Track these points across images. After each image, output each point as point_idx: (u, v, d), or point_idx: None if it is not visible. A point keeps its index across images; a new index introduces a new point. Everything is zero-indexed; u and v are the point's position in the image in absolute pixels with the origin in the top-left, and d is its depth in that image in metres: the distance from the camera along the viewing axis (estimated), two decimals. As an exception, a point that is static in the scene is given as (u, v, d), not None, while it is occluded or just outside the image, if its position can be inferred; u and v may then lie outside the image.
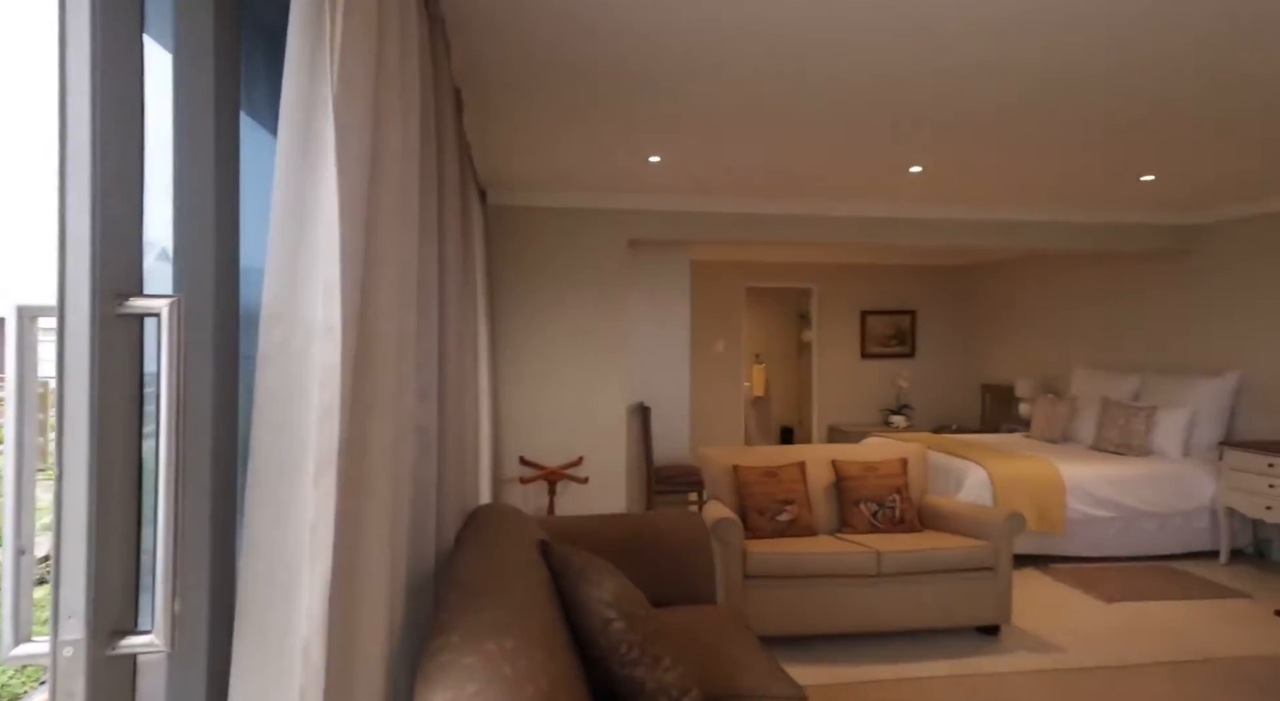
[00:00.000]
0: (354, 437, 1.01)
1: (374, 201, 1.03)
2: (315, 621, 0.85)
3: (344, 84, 0.88)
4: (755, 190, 4.17)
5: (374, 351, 1.04)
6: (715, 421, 7.17)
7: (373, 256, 1.03)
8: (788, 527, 3.33)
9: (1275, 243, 4.32)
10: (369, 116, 0.96)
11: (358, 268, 0.94)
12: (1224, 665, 2.86)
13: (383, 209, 1.05)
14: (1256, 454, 3.95)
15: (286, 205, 0.85)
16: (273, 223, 0.85)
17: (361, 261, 0.96)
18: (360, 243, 0.95)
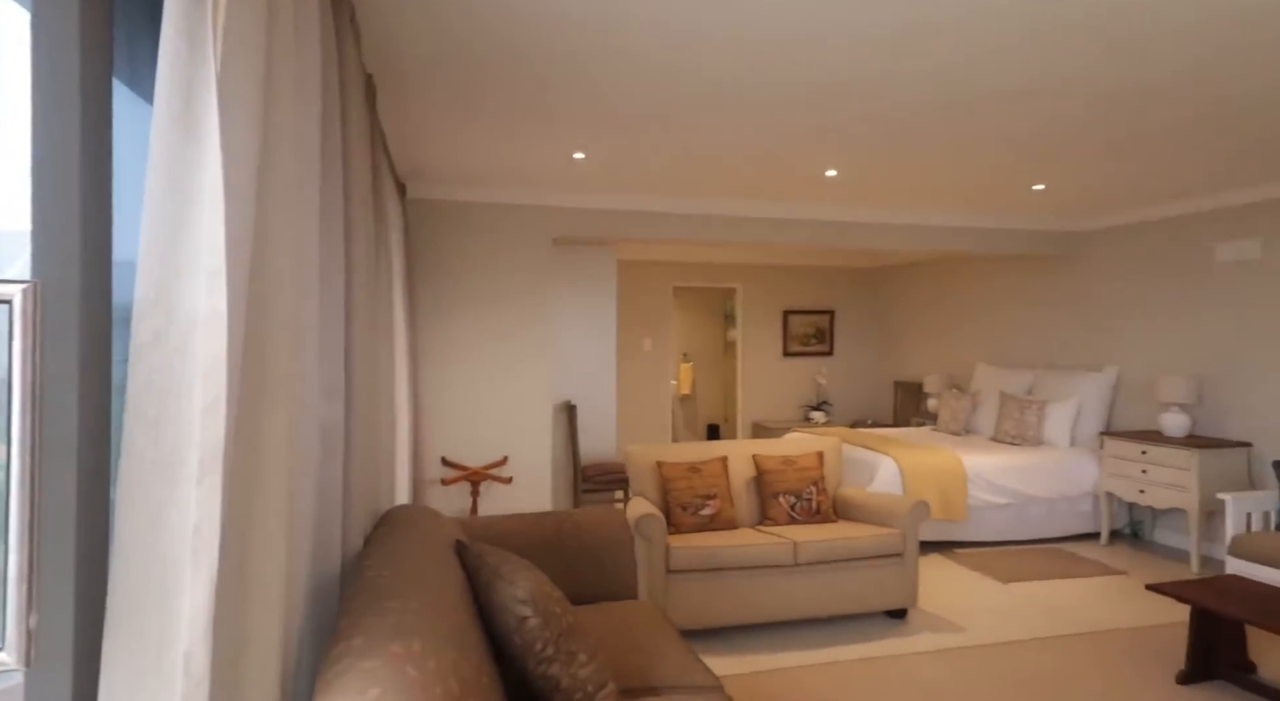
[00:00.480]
0: (245, 433, 0.95)
1: (265, 183, 0.97)
2: (198, 629, 0.79)
3: (229, 55, 0.83)
4: (679, 189, 4.22)
5: (267, 343, 0.99)
6: (643, 419, 7.22)
7: (264, 242, 0.97)
8: (710, 522, 3.39)
9: (1147, 249, 4.75)
10: (258, 91, 0.90)
11: (246, 253, 0.89)
12: (1105, 637, 3.12)
13: (276, 192, 0.99)
14: (1131, 442, 4.33)
15: (163, 184, 0.79)
16: (147, 203, 0.78)
17: (250, 246, 0.90)
18: (248, 226, 0.89)
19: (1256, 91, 2.56)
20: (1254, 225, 4.12)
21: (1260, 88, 2.52)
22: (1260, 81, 2.46)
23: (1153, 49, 2.19)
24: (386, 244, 2.39)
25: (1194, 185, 4.09)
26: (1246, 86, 2.51)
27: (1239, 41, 2.14)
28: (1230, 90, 2.55)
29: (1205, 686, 2.66)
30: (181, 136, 0.80)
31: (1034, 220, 5.11)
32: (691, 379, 9.16)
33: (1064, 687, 2.64)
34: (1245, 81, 2.46)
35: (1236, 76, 2.41)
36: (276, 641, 1.02)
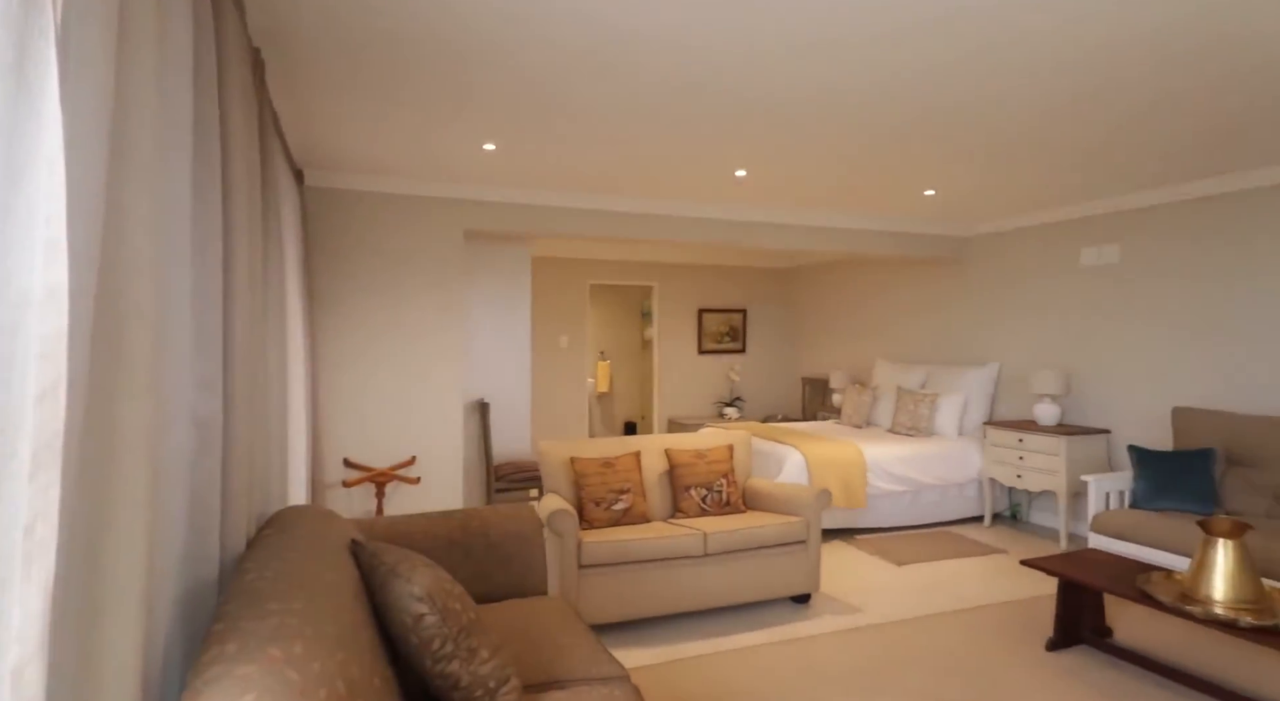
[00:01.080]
0: (95, 424, 0.86)
1: (120, 151, 0.89)
2: (30, 642, 0.71)
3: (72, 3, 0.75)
4: (594, 186, 4.21)
5: (123, 326, 0.90)
6: (560, 417, 7.17)
7: (119, 215, 0.89)
8: (623, 516, 3.41)
9: (1023, 253, 5.17)
10: (108, 47, 0.83)
11: (94, 225, 0.81)
12: (986, 610, 3.36)
13: (134, 161, 0.91)
14: (1010, 431, 4.70)
15: (-12, 143, 0.70)
16: (-33, 163, 0.70)
17: (101, 219, 0.82)
18: (97, 195, 0.81)
19: (1113, 120, 2.83)
20: (1114, 233, 4.56)
21: (1116, 117, 2.79)
22: (1116, 112, 2.72)
23: (1030, 85, 2.38)
24: (278, 231, 2.25)
25: (1064, 196, 4.48)
26: (1108, 115, 2.77)
27: (1103, 78, 2.36)
28: (1093, 117, 2.81)
29: (1070, 652, 2.92)
30: (12, 89, 0.71)
31: (927, 225, 5.44)
32: (609, 377, 9.18)
33: (950, 659, 2.83)
34: (1107, 111, 2.72)
35: (1097, 108, 2.67)
36: (135, 652, 0.93)
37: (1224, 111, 2.83)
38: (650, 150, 3.45)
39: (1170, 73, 2.43)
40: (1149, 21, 2.05)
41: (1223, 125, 3.01)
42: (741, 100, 2.74)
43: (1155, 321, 4.31)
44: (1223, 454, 3.70)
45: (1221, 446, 3.70)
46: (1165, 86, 2.56)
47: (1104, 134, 3.14)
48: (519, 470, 4.54)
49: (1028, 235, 5.15)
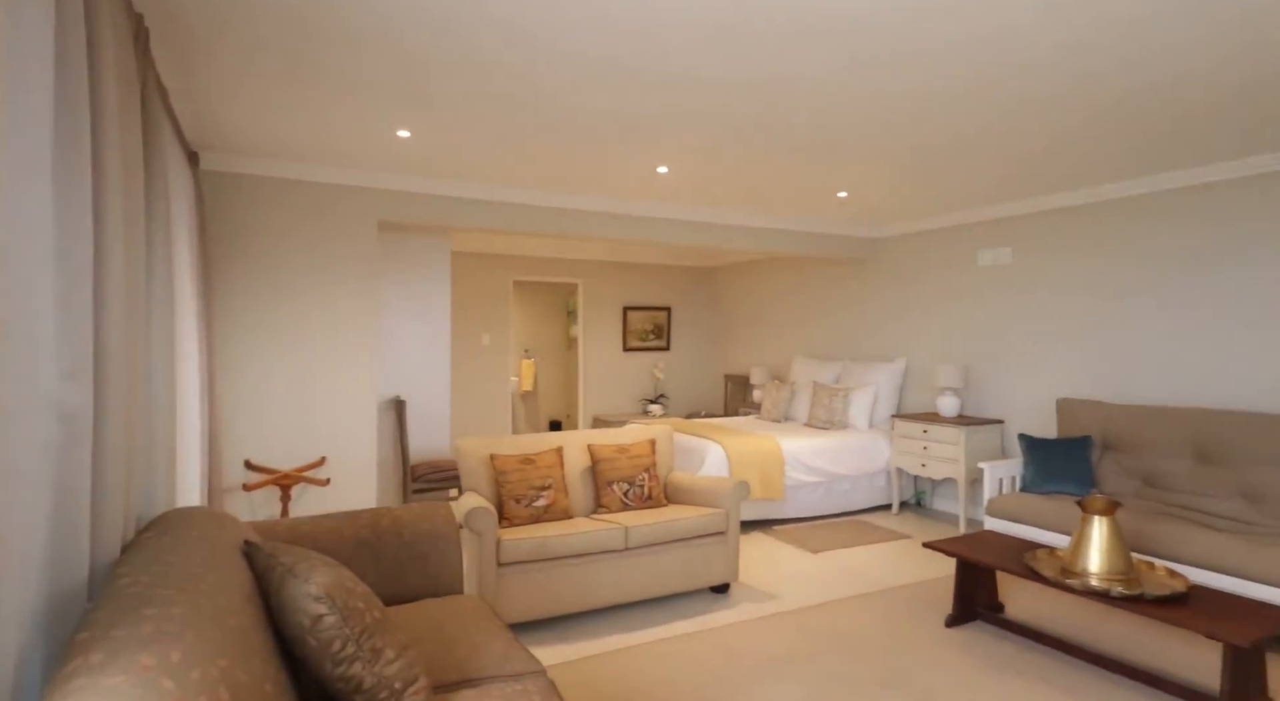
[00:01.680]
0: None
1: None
2: None
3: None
4: (515, 179, 4.14)
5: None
6: (482, 416, 7.02)
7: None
8: (544, 513, 3.37)
9: (928, 254, 5.47)
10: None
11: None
12: (893, 592, 3.54)
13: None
14: (915, 422, 4.96)
15: None
16: None
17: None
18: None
19: (999, 128, 3.04)
20: (1007, 236, 4.89)
21: (1001, 125, 3.00)
22: (1000, 120, 2.92)
23: (932, 100, 2.52)
24: (165, 215, 2.09)
25: (963, 202, 4.77)
26: (994, 125, 2.97)
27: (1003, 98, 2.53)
28: (981, 126, 3.00)
29: (967, 627, 3.11)
30: None
31: (841, 227, 5.67)
32: (533, 375, 9.07)
33: (859, 639, 2.96)
34: (991, 120, 2.91)
35: (982, 116, 2.86)
36: (-20, 666, 0.84)
37: (1099, 130, 3.09)
38: (571, 141, 3.42)
39: (1058, 95, 2.64)
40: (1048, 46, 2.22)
41: (1097, 141, 3.29)
42: (661, 96, 2.76)
43: (1043, 319, 4.65)
44: (1099, 440, 4.04)
45: (1098, 434, 4.05)
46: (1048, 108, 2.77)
47: (997, 147, 3.36)
48: (437, 469, 4.41)
49: (932, 237, 5.45)
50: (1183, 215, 3.93)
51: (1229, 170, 3.69)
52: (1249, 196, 3.66)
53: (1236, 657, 2.24)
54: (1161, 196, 4.02)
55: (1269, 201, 3.58)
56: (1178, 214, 3.95)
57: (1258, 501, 3.33)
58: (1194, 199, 3.88)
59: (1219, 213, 3.78)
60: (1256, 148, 3.42)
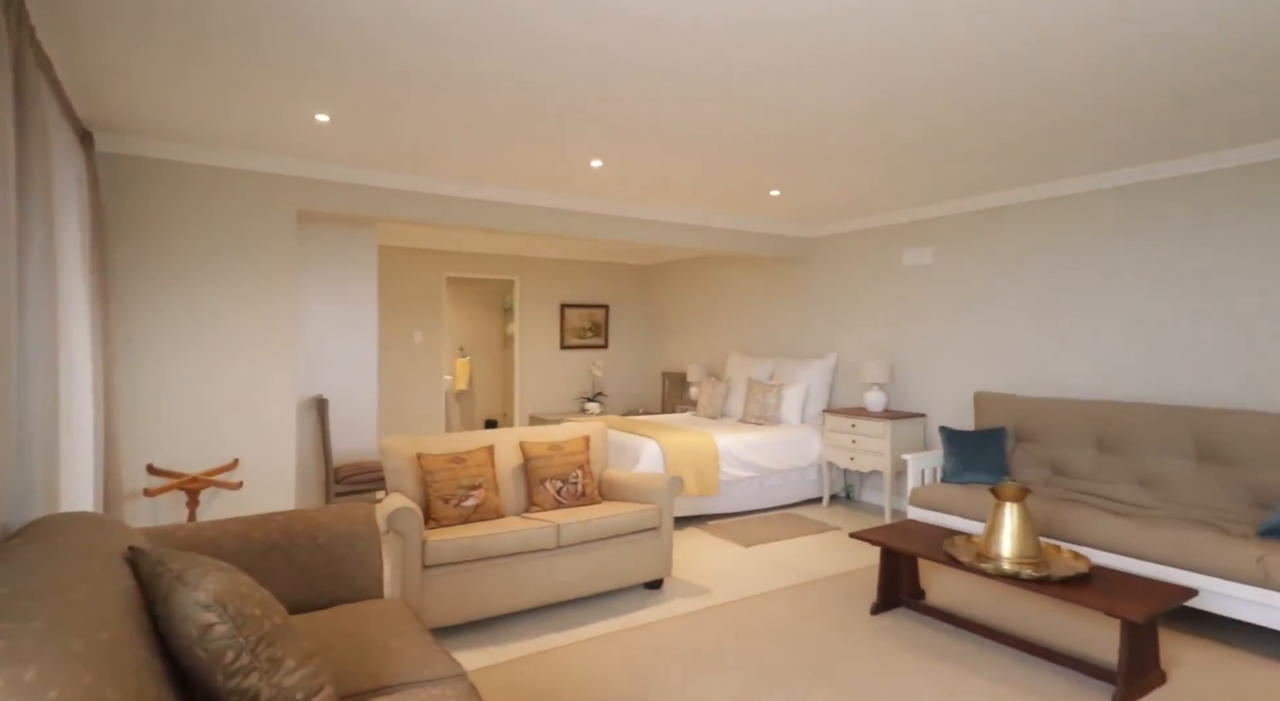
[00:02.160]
0: None
1: None
2: None
3: None
4: (446, 170, 4.02)
5: None
6: (414, 415, 6.81)
7: None
8: (474, 512, 3.28)
9: (857, 254, 5.64)
10: None
11: None
12: (822, 582, 3.62)
13: None
14: (844, 417, 5.10)
15: None
16: None
17: None
18: None
19: (927, 134, 3.15)
20: (928, 237, 5.09)
21: (926, 131, 3.11)
22: (924, 127, 3.03)
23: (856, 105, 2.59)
24: (45, 197, 1.91)
25: (890, 203, 4.94)
26: (919, 130, 3.08)
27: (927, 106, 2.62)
28: (904, 132, 3.10)
29: (890, 614, 3.21)
30: None
31: (775, 226, 5.78)
32: (469, 373, 8.87)
33: (788, 630, 3.00)
34: (916, 126, 3.02)
35: (907, 123, 2.95)
36: None
37: (1012, 136, 3.25)
38: (503, 130, 3.35)
39: (973, 108, 2.75)
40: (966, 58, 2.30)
41: (1015, 145, 3.45)
42: (591, 81, 2.73)
43: (961, 316, 4.86)
44: (1013, 432, 4.25)
45: (1012, 426, 4.26)
46: (966, 115, 2.89)
47: (922, 149, 3.49)
48: (363, 471, 4.24)
49: (862, 237, 5.62)
50: (1083, 221, 4.18)
51: (1131, 176, 3.94)
52: (1144, 205, 3.92)
53: (1132, 632, 2.39)
54: (1067, 201, 4.27)
55: (1160, 211, 3.85)
56: (1080, 220, 4.20)
57: (1151, 487, 3.57)
58: (1094, 205, 4.13)
59: (1115, 220, 4.03)
60: (1159, 155, 3.67)
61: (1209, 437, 3.42)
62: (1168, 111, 2.96)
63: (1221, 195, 3.62)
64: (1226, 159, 3.55)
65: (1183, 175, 3.75)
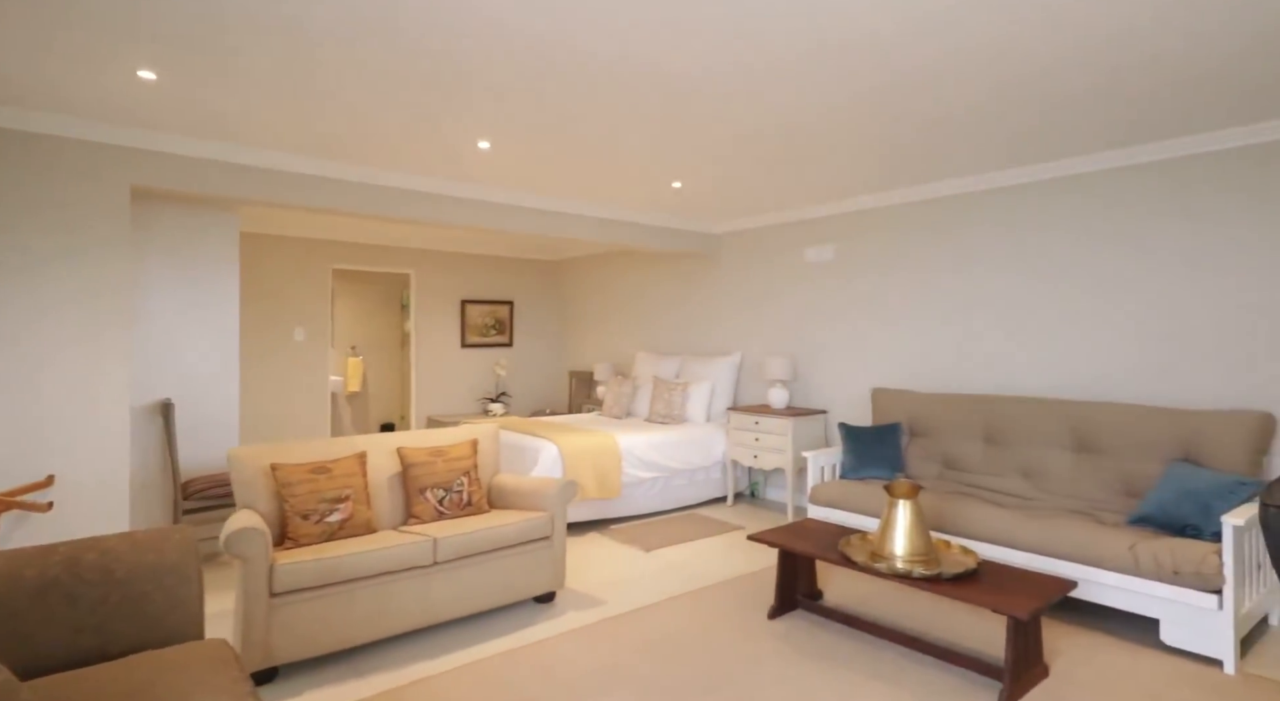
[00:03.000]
0: None
1: None
2: None
3: None
4: (317, 147, 3.62)
5: None
6: (295, 420, 6.24)
7: None
8: (339, 529, 2.93)
9: (760, 250, 5.61)
10: None
11: None
12: (721, 587, 3.49)
13: None
14: (748, 415, 5.04)
15: None
16: None
17: None
18: None
19: (823, 133, 3.08)
20: (829, 234, 5.11)
21: (823, 131, 3.04)
22: (820, 127, 2.96)
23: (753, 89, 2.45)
24: None
25: (792, 200, 4.91)
26: (816, 131, 3.00)
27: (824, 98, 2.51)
28: (799, 131, 3.02)
29: (787, 617, 3.12)
30: None
31: (681, 221, 5.66)
32: (362, 374, 8.29)
33: (684, 641, 2.84)
34: (812, 129, 2.94)
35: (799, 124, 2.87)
36: None
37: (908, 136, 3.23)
38: (376, 102, 3.01)
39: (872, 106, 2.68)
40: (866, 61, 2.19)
41: (912, 146, 3.45)
42: (467, 46, 2.46)
43: (861, 313, 4.91)
44: (908, 427, 4.30)
45: (907, 421, 4.31)
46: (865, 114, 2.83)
47: (825, 146, 3.43)
48: (217, 484, 3.76)
49: (765, 234, 5.59)
50: (968, 218, 4.28)
51: (1015, 176, 4.06)
52: (1026, 203, 4.05)
53: (1018, 628, 2.38)
54: (955, 200, 4.36)
55: (1042, 208, 3.98)
56: (966, 217, 4.30)
57: (1034, 478, 3.67)
58: (978, 203, 4.24)
59: (998, 217, 4.15)
60: (1042, 157, 3.79)
61: (1083, 429, 3.55)
62: (1050, 112, 3.01)
63: (1103, 193, 3.78)
64: (1107, 160, 3.70)
65: (1064, 175, 3.90)
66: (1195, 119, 3.12)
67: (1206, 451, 3.14)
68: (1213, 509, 2.82)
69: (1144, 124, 3.19)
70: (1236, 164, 3.30)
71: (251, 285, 6.08)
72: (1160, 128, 3.25)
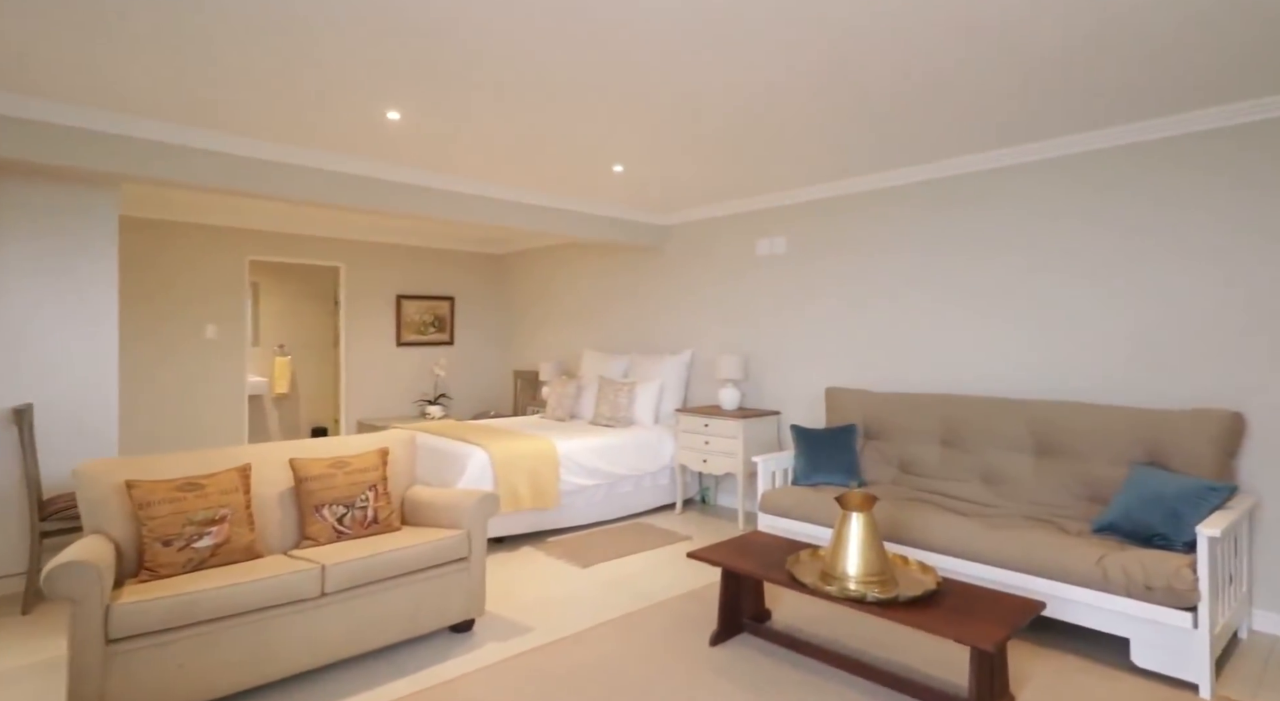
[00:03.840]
0: None
1: None
2: None
3: None
4: (198, 116, 3.16)
5: None
6: (204, 427, 5.70)
7: None
8: (210, 556, 2.51)
9: (711, 242, 5.31)
10: None
11: None
12: (663, 607, 3.17)
13: None
14: (697, 416, 4.74)
15: None
16: None
17: None
18: None
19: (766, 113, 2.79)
20: (781, 226, 4.84)
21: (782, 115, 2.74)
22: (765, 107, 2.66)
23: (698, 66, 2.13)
24: None
25: (743, 189, 4.63)
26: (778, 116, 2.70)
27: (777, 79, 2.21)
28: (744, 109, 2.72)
29: (731, 643, 2.81)
30: None
31: (627, 210, 5.32)
32: (290, 374, 7.72)
33: (615, 674, 2.51)
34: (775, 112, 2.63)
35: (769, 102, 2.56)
36: None
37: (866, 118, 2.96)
38: (269, 58, 2.59)
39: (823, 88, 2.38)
40: None
41: (865, 130, 3.18)
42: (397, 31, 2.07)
43: (814, 308, 4.65)
44: (863, 429, 4.05)
45: (862, 422, 4.06)
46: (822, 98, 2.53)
47: (772, 128, 3.13)
48: (84, 502, 3.26)
49: (716, 225, 5.30)
50: (922, 208, 4.06)
51: (970, 163, 3.84)
52: (983, 191, 3.84)
53: (982, 659, 2.11)
54: (908, 190, 4.13)
55: (998, 197, 3.77)
56: (920, 207, 4.08)
57: (993, 483, 3.45)
58: (932, 193, 4.02)
59: (952, 208, 3.94)
60: (1001, 143, 3.57)
61: (1044, 431, 3.34)
62: (1010, 96, 2.77)
63: (1073, 174, 3.58)
64: (1078, 142, 3.50)
65: (1031, 160, 3.69)
66: (1174, 99, 2.92)
67: (1172, 453, 2.95)
68: (1182, 516, 2.62)
69: (1124, 103, 2.99)
70: (1210, 144, 3.13)
71: (152, 277, 5.52)
72: (1139, 108, 3.05)
